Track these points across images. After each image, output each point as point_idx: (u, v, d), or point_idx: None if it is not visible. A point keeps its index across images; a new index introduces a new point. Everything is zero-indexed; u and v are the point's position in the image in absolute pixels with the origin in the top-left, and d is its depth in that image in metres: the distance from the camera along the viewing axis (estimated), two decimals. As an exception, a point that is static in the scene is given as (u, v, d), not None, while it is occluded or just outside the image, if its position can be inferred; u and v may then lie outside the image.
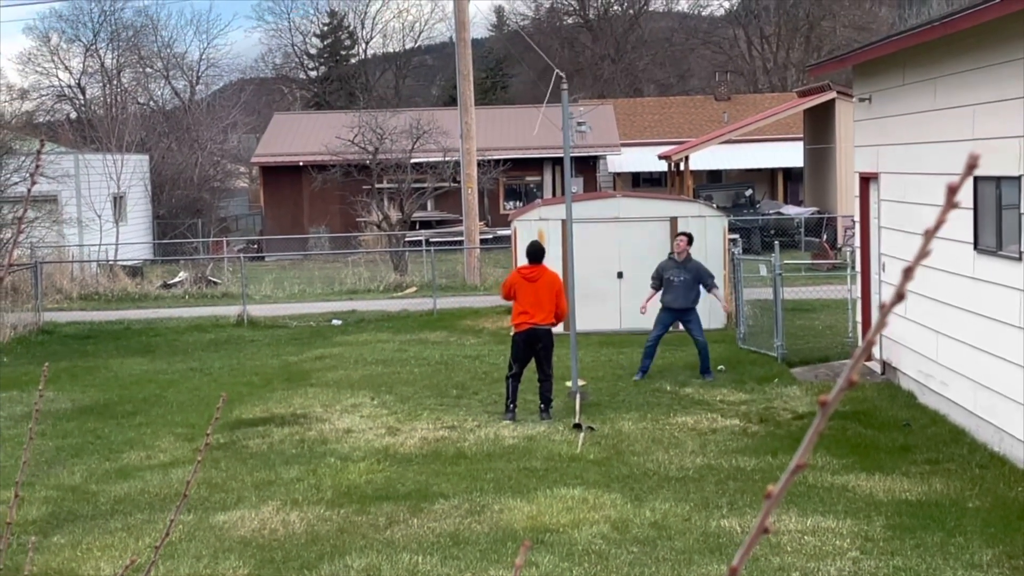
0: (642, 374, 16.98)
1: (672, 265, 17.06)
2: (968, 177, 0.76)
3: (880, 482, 11.13)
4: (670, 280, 16.91)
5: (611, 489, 11.14)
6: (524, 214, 22.54)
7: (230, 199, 55.84)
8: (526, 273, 14.56)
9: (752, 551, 0.70)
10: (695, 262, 17.20)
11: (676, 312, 16.95)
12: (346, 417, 15.00)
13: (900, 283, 0.76)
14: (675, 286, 16.88)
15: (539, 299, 14.33)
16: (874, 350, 16.89)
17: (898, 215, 15.21)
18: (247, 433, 14.23)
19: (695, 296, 16.95)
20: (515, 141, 44.95)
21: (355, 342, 21.91)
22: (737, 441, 13.09)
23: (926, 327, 14.11)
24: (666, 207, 22.12)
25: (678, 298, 16.85)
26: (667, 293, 16.98)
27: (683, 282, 16.86)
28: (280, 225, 44.77)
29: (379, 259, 35.08)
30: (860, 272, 17.47)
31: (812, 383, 16.14)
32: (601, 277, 21.50)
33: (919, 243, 4.07)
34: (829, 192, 39.55)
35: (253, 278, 31.81)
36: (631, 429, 13.76)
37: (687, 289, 16.86)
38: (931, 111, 13.77)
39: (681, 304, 16.86)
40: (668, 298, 16.98)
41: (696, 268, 16.98)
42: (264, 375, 18.64)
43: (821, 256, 31.36)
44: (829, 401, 0.75)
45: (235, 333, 24.02)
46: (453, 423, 14.41)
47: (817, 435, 0.74)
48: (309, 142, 44.66)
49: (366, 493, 11.37)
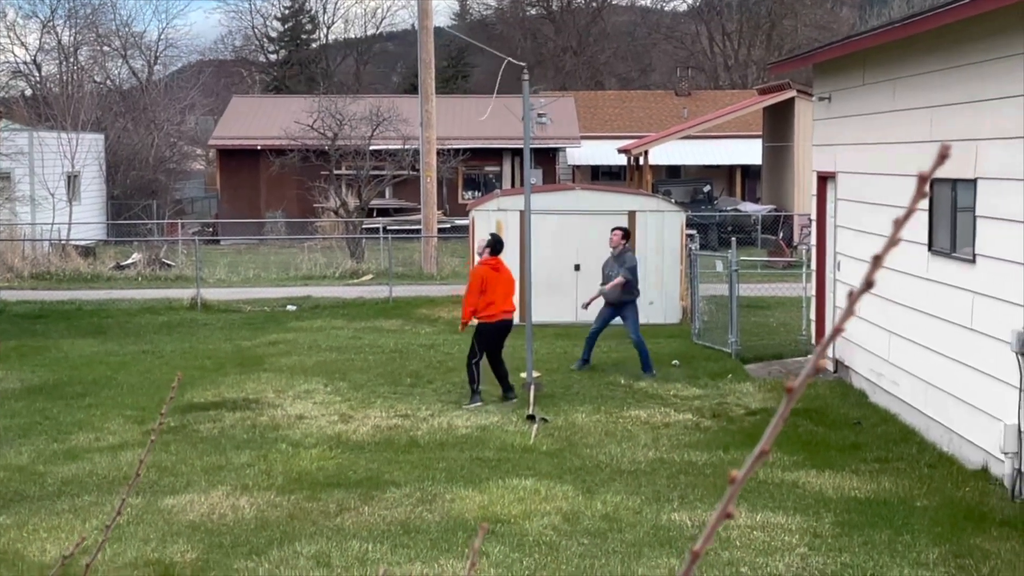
0: (581, 363, 17.09)
1: (610, 259, 17.13)
2: (939, 166, 0.76)
3: (830, 479, 11.23)
4: (608, 275, 16.98)
5: (563, 481, 11.17)
6: (482, 204, 22.53)
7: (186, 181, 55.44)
8: (493, 264, 14.72)
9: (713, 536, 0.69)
10: (626, 255, 17.21)
11: (613, 306, 16.99)
12: (299, 403, 14.94)
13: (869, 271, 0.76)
14: (607, 279, 16.94)
15: (507, 291, 14.70)
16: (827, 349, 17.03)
17: (854, 214, 15.33)
18: (198, 417, 14.14)
19: (625, 290, 16.88)
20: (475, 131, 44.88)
21: (309, 328, 21.84)
22: (689, 436, 13.16)
23: (879, 326, 14.23)
24: (625, 201, 22.18)
25: (612, 292, 16.88)
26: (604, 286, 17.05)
27: (613, 276, 16.88)
28: (236, 209, 44.49)
29: (336, 245, 34.95)
30: (816, 270, 17.60)
31: (765, 379, 16.25)
32: (558, 269, 21.54)
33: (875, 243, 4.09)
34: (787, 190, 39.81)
35: (208, 261, 31.60)
36: (584, 421, 13.80)
37: None
38: (890, 111, 13.87)
39: (611, 298, 16.89)
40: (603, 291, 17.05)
41: (622, 262, 16.98)
42: (217, 359, 18.54)
43: (777, 254, 31.57)
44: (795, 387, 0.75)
45: (188, 316, 23.86)
46: (406, 411, 14.39)
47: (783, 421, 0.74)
48: (268, 126, 44.41)
49: (317, 480, 11.33)
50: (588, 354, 17.22)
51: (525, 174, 16.30)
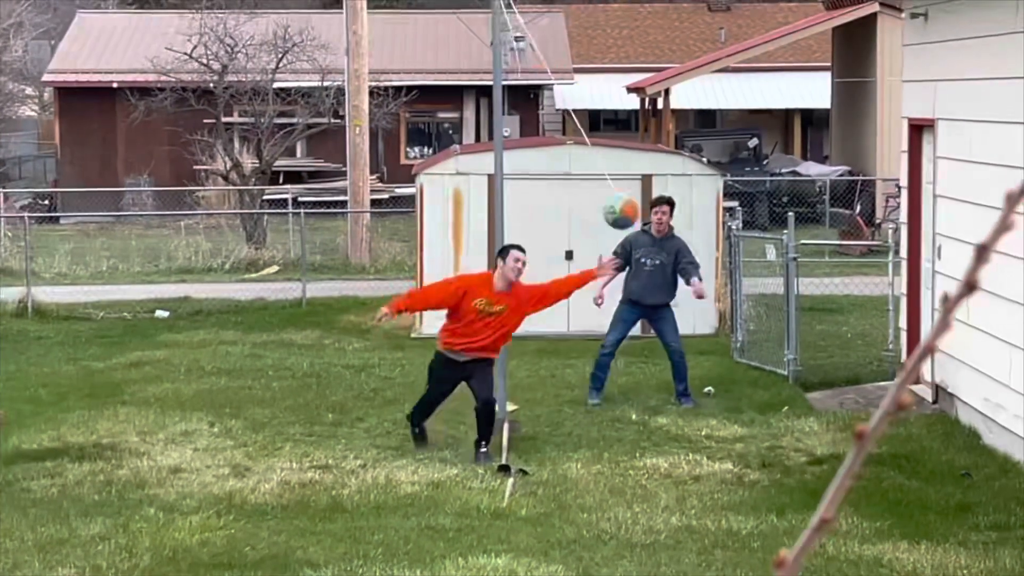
0: (596, 395, 17.04)
1: (647, 242, 17.08)
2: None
3: (928, 555, 11.27)
4: (641, 263, 16.92)
5: (550, 559, 11.17)
6: (434, 166, 22.51)
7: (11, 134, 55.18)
8: (493, 299, 14.55)
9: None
10: (678, 240, 17.22)
11: (644, 308, 16.99)
12: (173, 450, 14.89)
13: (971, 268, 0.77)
14: (647, 271, 16.90)
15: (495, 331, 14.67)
16: (923, 370, 17.10)
17: (962, 180, 15.37)
18: (29, 470, 14.07)
19: (673, 287, 16.99)
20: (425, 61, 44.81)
21: (188, 343, 21.76)
22: (729, 494, 13.17)
23: (995, 337, 14.28)
24: (637, 160, 22.20)
25: (650, 288, 16.88)
26: (634, 280, 17.00)
27: (658, 267, 16.89)
28: (83, 173, 44.31)
29: (226, 224, 34.84)
30: (907, 259, 17.65)
31: (836, 413, 16.28)
32: (543, 258, 21.43)
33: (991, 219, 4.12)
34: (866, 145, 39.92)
35: (42, 248, 31.42)
36: (580, 474, 13.80)
37: (664, 277, 16.91)
38: (1015, 33, 13.91)
39: (653, 298, 16.90)
40: (635, 286, 17.01)
41: (678, 249, 17.01)
42: (56, 388, 18.45)
43: (853, 235, 31.68)
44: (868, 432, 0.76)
45: (14, 326, 23.74)
46: (327, 461, 14.36)
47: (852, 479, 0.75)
48: (128, 55, 44.22)
49: (200, 559, 11.30)
50: (603, 380, 17.09)
51: (495, 122, 16.27)
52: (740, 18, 56.06)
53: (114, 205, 41.68)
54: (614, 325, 17.15)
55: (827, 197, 36.90)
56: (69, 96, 45.45)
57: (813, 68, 48.51)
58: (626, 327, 17.13)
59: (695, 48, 52.29)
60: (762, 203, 35.80)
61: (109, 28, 48.23)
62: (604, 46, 54.13)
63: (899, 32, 21.86)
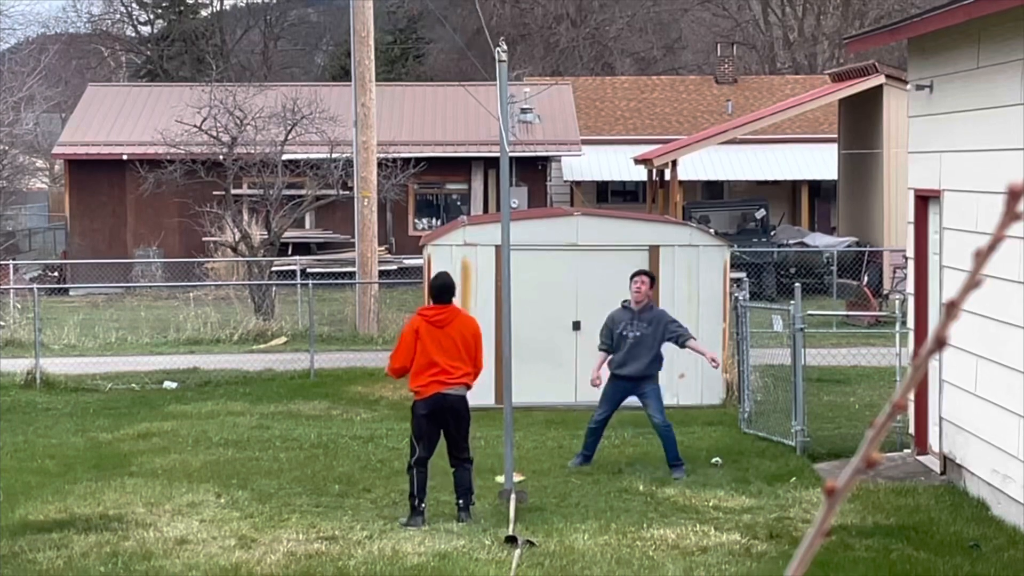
0: (577, 460, 17.15)
1: (627, 316, 17.10)
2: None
3: (936, 626, 11.21)
4: (623, 336, 16.95)
5: (557, 630, 11.13)
6: (442, 237, 22.54)
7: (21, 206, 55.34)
8: (431, 316, 14.55)
9: None
10: (658, 311, 17.31)
11: (630, 382, 16.98)
12: (180, 522, 14.87)
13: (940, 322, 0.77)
14: (629, 342, 16.91)
15: (451, 350, 14.40)
16: (931, 440, 17.07)
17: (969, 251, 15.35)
18: (35, 542, 14.04)
19: (655, 359, 16.97)
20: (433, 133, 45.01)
21: (196, 414, 21.77)
22: (737, 565, 13.13)
23: (1004, 408, 14.25)
24: (644, 231, 22.24)
25: (630, 361, 16.87)
26: (618, 351, 17.04)
27: (639, 340, 16.89)
28: (92, 245, 44.42)
29: (234, 296, 34.89)
30: (914, 329, 17.65)
31: (844, 484, 16.23)
32: (550, 329, 21.54)
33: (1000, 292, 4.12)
34: (873, 217, 39.98)
35: (51, 320, 31.47)
36: (587, 545, 13.76)
37: (645, 349, 16.90)
38: (1017, 105, 13.96)
39: (634, 370, 16.89)
40: (619, 358, 17.01)
41: (657, 319, 17.03)
42: (63, 459, 18.44)
43: (860, 306, 31.65)
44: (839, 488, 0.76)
45: (22, 398, 23.77)
46: (334, 532, 14.34)
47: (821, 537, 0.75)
48: (138, 127, 44.45)
49: (206, 631, 11.26)
50: (592, 449, 17.23)
51: (503, 194, 16.30)
52: (747, 90, 56.26)
53: (123, 276, 41.76)
54: (601, 402, 17.26)
55: (834, 268, 36.95)
56: (79, 168, 45.65)
57: (820, 140, 48.72)
58: (611, 406, 17.16)
59: (702, 120, 52.46)
60: (769, 274, 35.85)
61: (119, 101, 48.48)
62: (612, 118, 54.32)
63: (905, 104, 21.94)
